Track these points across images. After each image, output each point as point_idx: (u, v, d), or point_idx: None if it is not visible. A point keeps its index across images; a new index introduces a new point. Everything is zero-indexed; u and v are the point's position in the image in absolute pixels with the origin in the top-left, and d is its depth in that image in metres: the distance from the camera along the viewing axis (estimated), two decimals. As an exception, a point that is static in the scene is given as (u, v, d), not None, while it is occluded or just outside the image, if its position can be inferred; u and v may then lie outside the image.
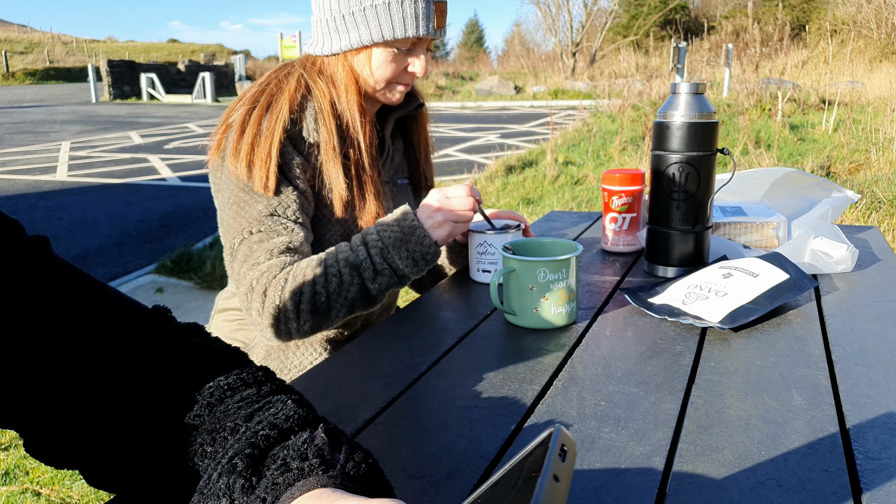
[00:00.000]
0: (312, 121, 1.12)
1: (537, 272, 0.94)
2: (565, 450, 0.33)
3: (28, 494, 1.94)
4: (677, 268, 1.19)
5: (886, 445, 0.64)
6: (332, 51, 1.15)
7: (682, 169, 1.14)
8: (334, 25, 1.13)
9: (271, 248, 1.06)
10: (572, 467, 0.33)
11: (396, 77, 1.17)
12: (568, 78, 20.65)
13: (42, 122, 14.42)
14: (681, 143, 1.14)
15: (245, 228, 1.07)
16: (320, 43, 1.17)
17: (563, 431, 0.34)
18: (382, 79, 1.16)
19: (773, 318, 0.99)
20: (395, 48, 1.13)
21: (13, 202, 6.34)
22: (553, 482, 0.31)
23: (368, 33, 1.11)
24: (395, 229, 1.07)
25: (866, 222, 4.21)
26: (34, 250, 0.55)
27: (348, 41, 1.13)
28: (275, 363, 1.17)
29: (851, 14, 18.02)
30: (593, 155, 7.30)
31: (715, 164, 1.16)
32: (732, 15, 26.20)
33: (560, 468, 0.32)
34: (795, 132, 7.72)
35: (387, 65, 1.14)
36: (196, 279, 3.97)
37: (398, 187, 1.31)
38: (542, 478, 0.31)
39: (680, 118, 1.14)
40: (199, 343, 0.59)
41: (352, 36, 1.12)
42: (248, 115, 1.10)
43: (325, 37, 1.16)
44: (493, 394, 0.78)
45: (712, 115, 1.15)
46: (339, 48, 1.14)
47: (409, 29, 1.10)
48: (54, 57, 38.19)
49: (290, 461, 0.46)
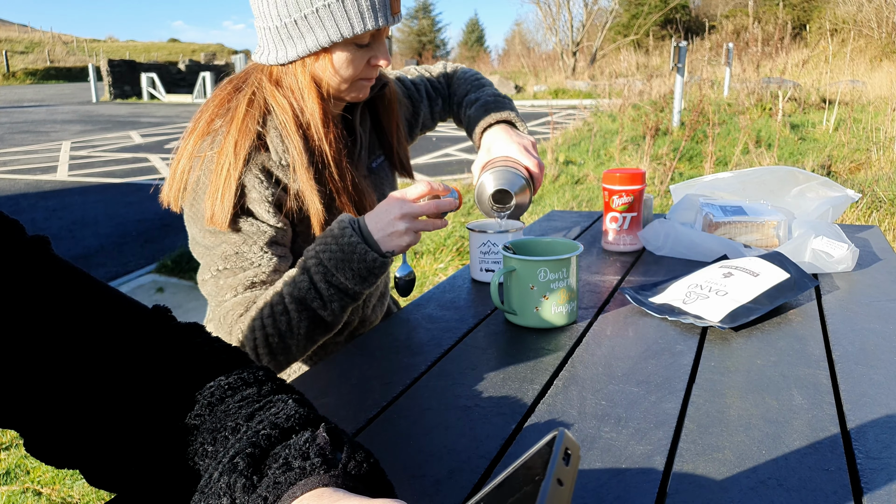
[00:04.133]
0: (280, 142, 1.05)
1: (538, 272, 0.94)
2: (569, 453, 0.34)
3: (29, 494, 1.95)
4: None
5: (887, 445, 0.64)
6: (289, 58, 1.07)
7: None
8: (286, 32, 1.05)
9: (235, 284, 1.03)
10: (576, 471, 0.33)
11: (361, 73, 1.11)
12: (568, 77, 20.64)
13: (42, 122, 14.43)
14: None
15: (212, 266, 1.05)
16: (272, 51, 1.08)
17: (567, 435, 0.34)
18: (348, 78, 1.09)
19: (774, 318, 0.99)
20: (354, 45, 1.07)
21: (13, 202, 6.34)
22: (557, 486, 0.31)
23: (326, 34, 1.04)
24: (335, 248, 1.00)
25: (867, 221, 4.21)
26: (34, 250, 0.55)
27: (305, 46, 1.05)
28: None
29: (852, 13, 18.01)
30: (594, 154, 7.30)
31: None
32: (733, 14, 26.20)
33: (564, 472, 0.32)
34: (796, 131, 7.71)
35: (350, 63, 1.08)
36: (196, 279, 3.97)
37: (376, 171, 1.28)
38: (545, 481, 0.31)
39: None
40: (199, 343, 0.59)
41: (308, 40, 1.05)
42: (197, 150, 1.05)
43: (276, 45, 1.07)
44: (493, 393, 0.78)
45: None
46: (295, 55, 1.06)
47: (368, 22, 1.04)
48: (55, 57, 38.20)
49: (292, 460, 0.46)
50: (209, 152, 1.04)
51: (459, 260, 3.96)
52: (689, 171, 6.29)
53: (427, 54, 38.27)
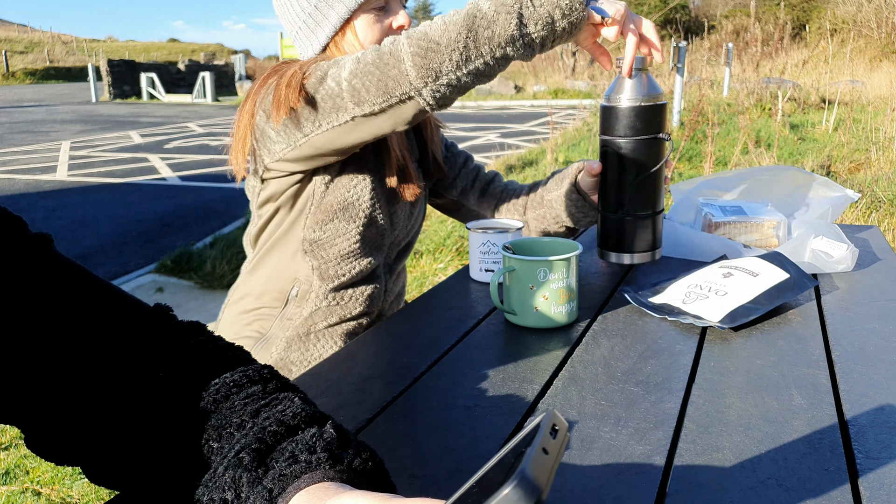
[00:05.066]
0: None
1: (537, 271, 0.94)
2: (556, 429, 0.34)
3: (28, 494, 1.95)
4: (630, 254, 1.15)
5: (886, 444, 0.64)
6: (322, 44, 1.17)
7: (623, 153, 1.09)
8: (312, 22, 1.16)
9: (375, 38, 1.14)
10: (562, 445, 0.34)
11: (384, 37, 1.14)
12: (568, 77, 20.64)
13: (42, 122, 14.42)
14: (622, 128, 1.09)
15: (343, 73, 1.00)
16: (308, 47, 1.19)
17: (556, 413, 0.35)
18: (373, 43, 1.16)
19: (773, 318, 0.99)
20: (372, 11, 1.15)
21: (13, 202, 6.33)
22: (541, 454, 0.32)
23: (344, 5, 1.13)
24: None
25: (866, 222, 4.21)
26: (37, 247, 0.55)
27: (330, 26, 1.15)
28: (295, 354, 1.17)
29: (852, 13, 18.02)
30: (593, 154, 7.30)
31: (660, 147, 1.10)
32: (733, 14, 26.21)
33: (550, 443, 0.33)
34: (796, 131, 7.71)
35: (371, 28, 1.16)
36: (196, 279, 3.97)
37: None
38: (530, 448, 0.32)
39: (625, 101, 1.08)
40: (202, 340, 0.59)
41: (331, 19, 1.14)
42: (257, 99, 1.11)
43: (309, 39, 1.18)
44: (493, 393, 0.78)
45: (656, 97, 1.09)
46: (325, 38, 1.16)
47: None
48: (54, 56, 38.20)
49: (299, 454, 0.46)
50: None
51: (459, 260, 3.96)
52: (689, 171, 6.29)
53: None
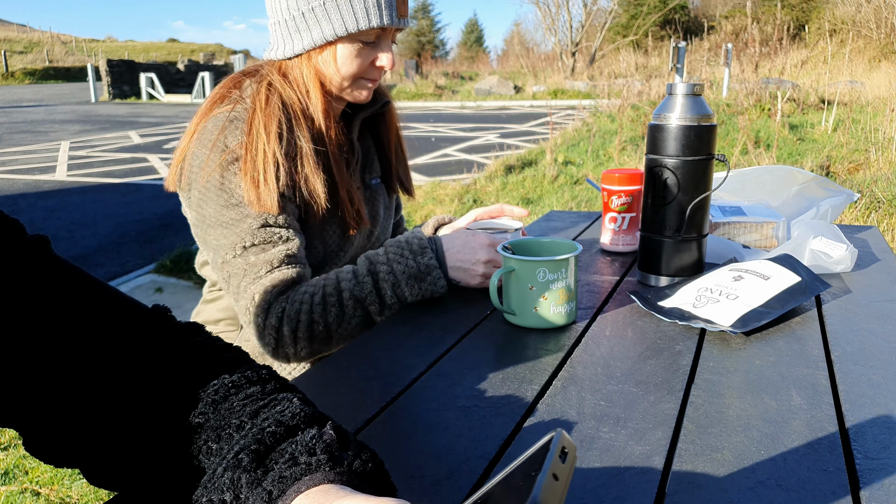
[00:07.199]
0: (291, 130, 1.09)
1: (537, 272, 0.94)
2: (566, 452, 0.34)
3: (27, 494, 1.94)
4: (671, 277, 1.14)
5: (885, 445, 0.64)
6: (295, 51, 1.10)
7: (676, 174, 1.09)
8: (294, 25, 1.09)
9: (270, 259, 1.03)
10: (572, 469, 0.34)
11: (363, 72, 1.13)
12: (567, 78, 20.64)
13: (41, 122, 14.41)
14: (675, 148, 1.09)
15: (238, 243, 1.03)
16: (280, 47, 1.12)
17: (565, 435, 0.35)
18: (349, 75, 1.11)
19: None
20: (359, 41, 1.09)
21: (12, 202, 6.33)
22: (552, 480, 0.32)
23: (331, 27, 1.07)
24: (412, 265, 1.04)
25: (865, 222, 4.21)
26: (35, 249, 0.55)
27: (311, 39, 1.08)
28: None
29: (851, 14, 18.02)
30: (593, 155, 7.30)
31: (711, 169, 1.11)
32: (732, 15, 26.21)
33: (559, 468, 0.33)
34: (795, 132, 7.72)
35: (352, 60, 1.10)
36: (195, 279, 3.97)
37: (371, 189, 1.29)
38: (541, 475, 0.32)
39: (676, 121, 1.08)
40: (201, 342, 0.59)
41: (314, 33, 1.08)
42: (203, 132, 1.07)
43: (285, 39, 1.11)
44: (492, 394, 0.78)
45: (710, 117, 1.09)
46: (301, 48, 1.10)
47: (372, 19, 1.06)
48: (53, 56, 38.17)
49: (298, 456, 0.46)
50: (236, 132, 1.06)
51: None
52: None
53: (426, 54, 38.26)
